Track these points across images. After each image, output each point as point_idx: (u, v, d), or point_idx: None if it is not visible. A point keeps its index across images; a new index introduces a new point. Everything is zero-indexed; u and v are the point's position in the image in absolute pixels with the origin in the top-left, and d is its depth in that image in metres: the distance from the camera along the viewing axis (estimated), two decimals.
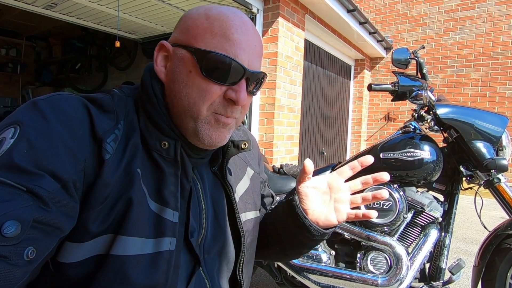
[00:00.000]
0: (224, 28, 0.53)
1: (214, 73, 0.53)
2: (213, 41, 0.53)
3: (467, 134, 1.28)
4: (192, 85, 0.54)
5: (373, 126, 6.49)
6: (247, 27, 0.56)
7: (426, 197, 1.36)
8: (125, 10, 3.58)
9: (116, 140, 0.51)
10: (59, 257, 0.48)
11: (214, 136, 0.57)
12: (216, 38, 0.53)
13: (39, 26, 5.45)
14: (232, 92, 0.55)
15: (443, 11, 5.75)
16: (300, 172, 0.64)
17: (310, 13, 3.90)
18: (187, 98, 0.55)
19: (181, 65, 0.55)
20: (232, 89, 0.55)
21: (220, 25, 0.54)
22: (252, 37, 0.56)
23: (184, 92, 0.55)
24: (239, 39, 0.54)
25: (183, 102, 0.55)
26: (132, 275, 0.49)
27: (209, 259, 0.63)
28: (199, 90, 0.54)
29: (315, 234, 0.65)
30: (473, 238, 3.20)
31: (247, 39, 0.55)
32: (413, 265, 1.31)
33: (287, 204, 0.69)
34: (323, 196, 0.66)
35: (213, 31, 0.53)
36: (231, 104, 0.56)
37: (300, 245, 0.72)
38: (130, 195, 0.50)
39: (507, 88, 5.18)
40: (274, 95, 3.41)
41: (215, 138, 0.57)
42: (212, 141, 0.57)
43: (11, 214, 0.38)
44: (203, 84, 0.54)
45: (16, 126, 0.44)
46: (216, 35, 0.53)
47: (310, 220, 0.65)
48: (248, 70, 0.55)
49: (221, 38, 0.53)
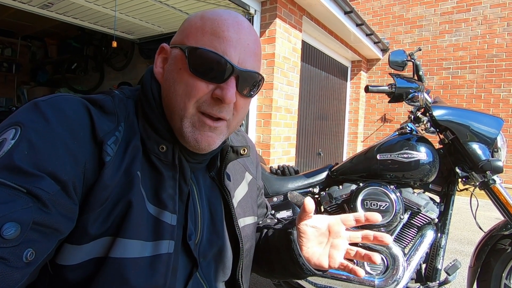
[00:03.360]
0: (215, 26, 0.53)
1: (201, 70, 0.53)
2: (203, 38, 0.53)
3: (463, 135, 1.29)
4: (180, 81, 0.54)
5: (369, 127, 6.52)
6: (240, 26, 0.55)
7: (422, 198, 1.37)
8: (122, 10, 3.56)
9: (117, 142, 0.51)
10: (58, 259, 0.47)
11: (200, 139, 0.55)
12: (206, 36, 0.53)
13: (34, 26, 5.41)
14: (219, 90, 0.53)
15: (439, 13, 5.80)
16: (301, 210, 0.63)
17: (307, 15, 3.91)
18: (175, 95, 0.54)
19: (173, 63, 0.56)
20: (220, 87, 0.53)
21: (211, 23, 0.54)
22: (245, 36, 0.55)
23: (173, 89, 0.55)
24: (229, 37, 0.53)
25: (172, 99, 0.55)
26: (131, 278, 0.49)
27: (205, 263, 0.63)
28: (186, 86, 0.53)
29: (306, 272, 0.65)
30: (468, 238, 3.22)
31: (239, 37, 0.54)
32: (409, 265, 1.32)
33: (284, 235, 0.68)
34: (321, 237, 0.64)
35: (204, 29, 0.54)
36: (219, 103, 0.54)
37: (288, 274, 0.71)
38: (129, 197, 0.50)
39: (501, 90, 5.24)
40: (271, 96, 3.42)
41: (201, 141, 0.55)
42: (199, 145, 0.55)
43: (10, 215, 0.38)
44: (190, 80, 0.53)
45: (17, 127, 0.44)
46: (206, 33, 0.53)
47: (304, 258, 0.64)
48: (238, 67, 0.53)
49: (211, 36, 0.53)
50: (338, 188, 1.48)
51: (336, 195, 1.47)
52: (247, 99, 0.59)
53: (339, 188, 1.48)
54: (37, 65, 6.25)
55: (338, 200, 1.46)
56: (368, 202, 1.37)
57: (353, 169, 1.48)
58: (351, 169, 1.49)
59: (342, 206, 1.48)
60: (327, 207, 1.52)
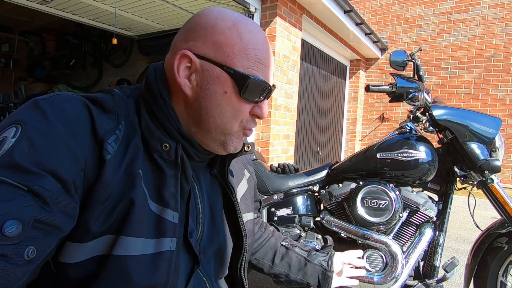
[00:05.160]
0: (258, 52, 0.56)
1: (249, 95, 0.56)
2: (249, 63, 0.55)
3: (462, 135, 1.31)
4: (227, 105, 0.56)
5: (367, 126, 6.54)
6: (268, 43, 0.60)
7: (421, 196, 1.39)
8: (122, 6, 3.55)
9: (117, 141, 0.51)
10: (60, 257, 0.48)
11: (238, 146, 0.62)
12: (251, 61, 0.55)
13: (32, 21, 5.36)
14: (258, 109, 0.59)
15: (438, 13, 5.82)
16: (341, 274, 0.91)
17: (307, 13, 3.92)
18: (220, 116, 0.57)
19: (216, 84, 0.55)
20: (259, 106, 0.59)
21: (254, 48, 0.56)
22: (271, 53, 0.60)
23: (218, 110, 0.56)
24: (268, 62, 0.58)
25: (216, 119, 0.57)
26: (134, 275, 0.49)
27: (205, 259, 0.64)
28: (234, 110, 0.57)
29: None
30: (465, 237, 3.26)
31: (270, 59, 0.59)
32: (408, 263, 1.33)
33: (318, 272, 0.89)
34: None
35: (248, 54, 0.55)
36: (256, 118, 0.61)
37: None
38: (131, 196, 0.50)
39: (499, 90, 5.27)
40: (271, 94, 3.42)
41: (238, 147, 0.62)
42: (236, 150, 0.62)
43: (12, 213, 0.38)
44: (237, 105, 0.57)
45: (18, 125, 0.44)
46: (251, 59, 0.55)
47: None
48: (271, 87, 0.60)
49: (256, 62, 0.56)
50: (338, 187, 1.50)
51: (336, 193, 1.48)
52: None
53: (339, 187, 1.50)
54: (34, 61, 6.19)
55: (338, 198, 1.48)
56: (368, 200, 1.38)
57: (353, 168, 1.49)
58: (351, 167, 1.50)
59: (342, 204, 1.49)
60: (327, 205, 1.53)
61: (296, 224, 1.56)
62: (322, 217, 1.52)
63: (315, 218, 1.59)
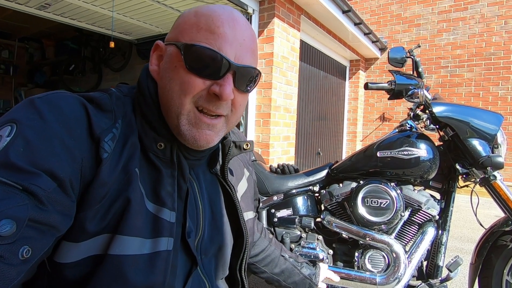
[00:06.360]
0: (210, 22, 0.53)
1: (197, 67, 0.52)
2: (198, 35, 0.53)
3: (463, 132, 1.29)
4: (176, 79, 0.53)
5: (368, 126, 6.52)
6: (236, 22, 0.54)
7: (423, 195, 1.37)
8: (120, 10, 3.55)
9: (114, 139, 0.51)
10: (56, 257, 0.47)
11: (198, 137, 0.55)
12: (201, 32, 0.53)
13: (32, 27, 5.39)
14: (217, 87, 0.53)
15: (437, 12, 5.81)
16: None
17: (305, 14, 3.91)
18: (171, 92, 0.54)
19: (168, 61, 0.55)
20: (217, 83, 0.53)
21: (206, 19, 0.53)
22: (241, 32, 0.55)
23: (169, 86, 0.54)
24: (224, 33, 0.53)
25: (168, 97, 0.54)
26: (130, 275, 0.48)
27: (206, 259, 0.63)
28: (182, 83, 0.53)
29: None
30: (468, 236, 3.22)
31: (235, 33, 0.54)
32: (410, 263, 1.31)
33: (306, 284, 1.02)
34: None
35: (199, 25, 0.53)
36: (216, 99, 0.54)
37: None
38: (128, 194, 0.49)
39: (499, 88, 5.25)
40: (270, 95, 3.41)
41: (199, 140, 0.55)
42: (197, 143, 0.55)
43: (6, 212, 0.38)
44: (186, 77, 0.53)
45: (13, 124, 0.44)
46: (201, 29, 0.53)
47: None
48: (234, 63, 0.53)
49: (206, 32, 0.52)
50: (338, 186, 1.48)
51: (337, 193, 1.46)
52: (245, 94, 0.59)
53: (339, 186, 1.48)
54: (34, 67, 6.23)
55: (338, 198, 1.46)
56: (369, 199, 1.36)
57: (353, 167, 1.47)
58: (351, 167, 1.48)
59: (343, 204, 1.47)
60: (328, 205, 1.51)
61: (297, 225, 1.54)
62: (323, 217, 1.50)
63: (316, 219, 1.57)
